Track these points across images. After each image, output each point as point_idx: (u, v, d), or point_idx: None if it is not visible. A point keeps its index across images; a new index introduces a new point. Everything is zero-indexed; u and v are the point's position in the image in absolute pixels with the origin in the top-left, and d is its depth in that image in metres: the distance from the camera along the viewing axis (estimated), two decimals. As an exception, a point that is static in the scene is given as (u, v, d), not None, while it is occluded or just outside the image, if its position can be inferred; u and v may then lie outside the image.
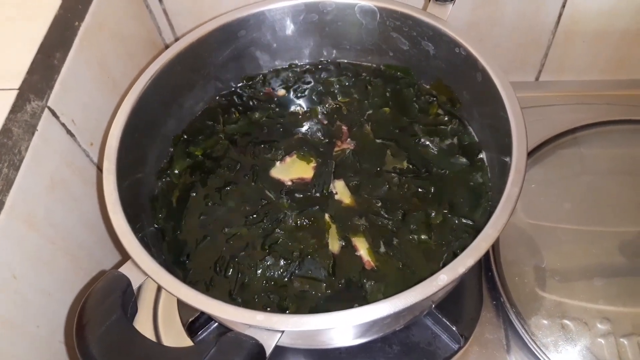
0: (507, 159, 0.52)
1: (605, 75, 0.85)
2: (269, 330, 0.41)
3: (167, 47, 0.83)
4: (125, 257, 0.47)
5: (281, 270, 0.56)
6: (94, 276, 0.65)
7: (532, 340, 0.60)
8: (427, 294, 0.42)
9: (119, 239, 0.47)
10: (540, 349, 0.59)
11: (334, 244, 0.57)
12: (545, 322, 0.61)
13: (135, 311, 0.45)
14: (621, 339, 0.59)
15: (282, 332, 0.41)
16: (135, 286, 0.45)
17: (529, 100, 0.77)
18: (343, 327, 0.43)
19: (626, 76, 0.85)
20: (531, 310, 0.62)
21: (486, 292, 0.64)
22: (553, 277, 0.64)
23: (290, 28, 0.69)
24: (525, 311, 0.62)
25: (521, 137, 0.51)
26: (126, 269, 0.45)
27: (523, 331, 0.61)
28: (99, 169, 0.67)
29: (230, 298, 0.54)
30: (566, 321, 0.61)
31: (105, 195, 0.50)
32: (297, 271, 0.55)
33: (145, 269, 0.44)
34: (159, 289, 0.66)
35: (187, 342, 0.60)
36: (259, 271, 0.55)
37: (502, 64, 0.66)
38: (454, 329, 0.59)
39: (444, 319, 0.60)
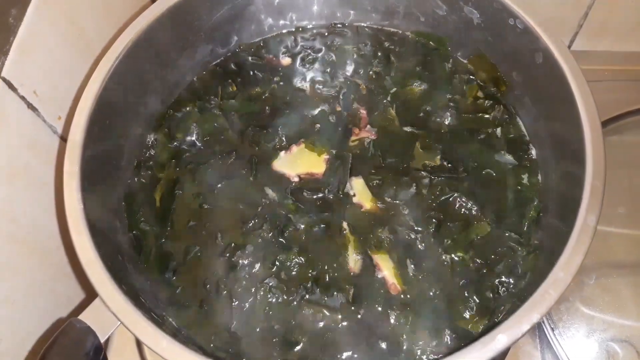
0: (571, 165, 0.44)
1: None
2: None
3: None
4: (90, 293, 0.37)
5: (287, 294, 0.48)
6: (52, 324, 0.59)
7: (573, 366, 0.54)
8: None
9: (84, 269, 0.38)
10: (583, 377, 0.54)
11: (354, 262, 0.50)
12: (589, 344, 0.55)
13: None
14: (674, 367, 0.54)
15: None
16: (103, 339, 0.35)
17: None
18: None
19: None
20: (574, 331, 0.56)
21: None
22: (600, 293, 0.58)
23: (299, -18, 0.60)
24: (566, 332, 0.56)
25: (598, 147, 0.41)
26: (91, 315, 0.36)
27: (563, 355, 0.54)
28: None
29: (228, 332, 0.46)
30: (613, 344, 0.56)
31: (66, 210, 0.42)
32: (308, 296, 0.48)
33: (120, 316, 0.35)
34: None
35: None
36: (259, 296, 0.48)
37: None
38: (486, 355, 0.52)
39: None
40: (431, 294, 0.48)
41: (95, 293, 0.38)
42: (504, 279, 0.47)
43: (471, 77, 0.59)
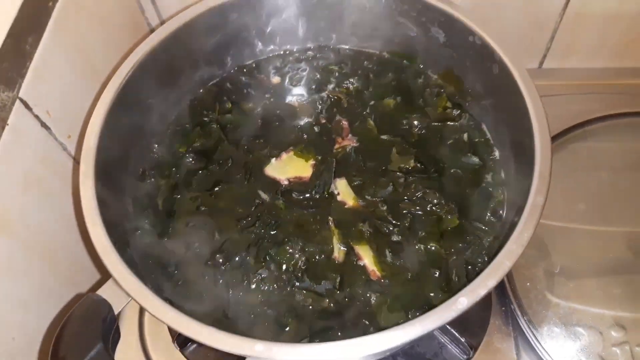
0: (526, 161, 0.49)
1: (612, 62, 0.82)
2: (270, 361, 0.37)
3: (151, 29, 0.79)
4: (104, 274, 0.42)
5: (279, 283, 0.52)
6: (72, 298, 0.61)
7: (544, 349, 0.57)
8: (446, 320, 0.39)
9: (100, 256, 0.42)
10: (552, 359, 0.56)
11: (338, 252, 0.54)
12: (557, 329, 0.58)
13: (117, 339, 0.40)
14: (637, 348, 0.57)
15: (284, 363, 0.37)
16: (117, 310, 0.40)
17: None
18: (349, 357, 0.38)
19: (635, 63, 0.82)
20: (542, 318, 0.59)
21: (495, 298, 0.61)
22: (565, 281, 0.61)
23: (286, 11, 0.64)
24: (536, 318, 0.59)
25: (545, 140, 0.47)
26: (107, 291, 0.41)
27: (534, 340, 0.58)
28: (78, 163, 0.62)
29: (226, 317, 0.50)
30: (579, 328, 0.58)
31: (82, 204, 0.46)
32: (298, 283, 0.51)
33: (130, 292, 0.39)
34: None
35: (177, 355, 0.56)
36: (253, 287, 0.52)
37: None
38: (462, 339, 0.56)
39: (451, 329, 0.56)
40: (407, 278, 0.51)
41: (109, 275, 0.42)
42: (471, 262, 0.52)
43: (441, 90, 0.64)
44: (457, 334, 0.56)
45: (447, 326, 0.56)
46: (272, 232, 0.54)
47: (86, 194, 0.46)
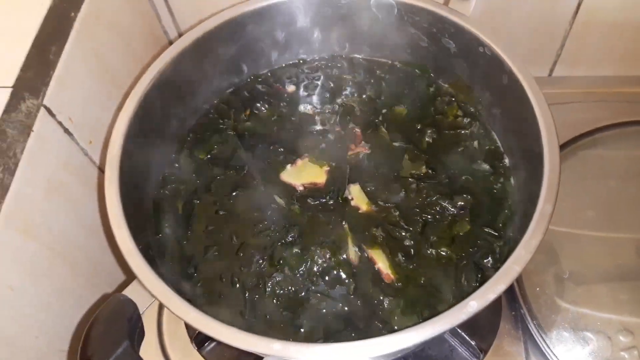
0: (535, 169, 0.50)
1: (621, 70, 0.83)
2: (287, 360, 0.38)
3: (169, 39, 0.81)
4: (129, 275, 0.44)
5: (294, 286, 0.53)
6: (99, 299, 0.63)
7: (553, 353, 0.58)
8: (456, 323, 0.40)
9: (125, 258, 0.44)
10: (562, 363, 0.57)
11: (354, 256, 0.55)
12: (566, 334, 0.59)
13: (142, 337, 0.42)
14: (645, 353, 0.57)
15: (301, 362, 0.39)
16: (142, 309, 0.42)
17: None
18: (365, 357, 0.40)
19: (643, 71, 0.82)
20: (552, 322, 0.60)
21: (505, 302, 0.62)
22: (574, 287, 0.62)
23: (301, 23, 0.65)
24: (545, 323, 0.60)
25: (553, 150, 0.48)
26: (132, 291, 0.42)
27: (543, 344, 0.59)
28: (100, 169, 0.64)
29: (242, 317, 0.51)
30: (588, 333, 0.59)
31: (107, 208, 0.47)
32: (313, 287, 0.53)
33: (154, 293, 0.41)
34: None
35: (195, 354, 0.57)
36: (269, 289, 0.53)
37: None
38: (472, 342, 0.57)
39: (462, 332, 0.57)
40: (420, 282, 0.53)
41: (134, 276, 0.44)
42: (482, 267, 0.53)
43: (452, 98, 0.65)
44: (467, 337, 0.57)
45: (458, 329, 0.57)
46: (287, 236, 0.56)
47: (111, 199, 0.48)
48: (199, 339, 0.59)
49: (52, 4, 0.59)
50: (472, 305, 0.40)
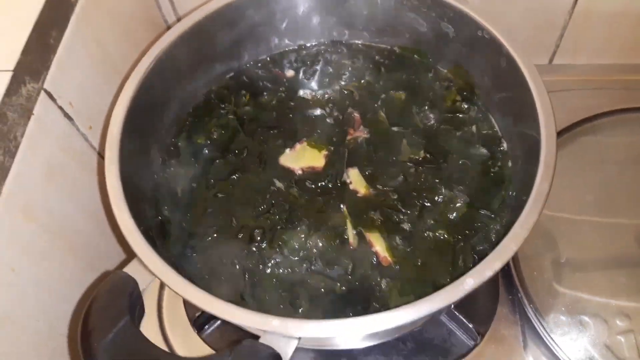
0: (533, 151, 0.50)
1: (620, 59, 0.83)
2: (285, 337, 0.39)
3: (168, 25, 0.81)
4: (129, 254, 0.44)
5: (293, 268, 0.53)
6: (99, 277, 0.64)
7: (550, 337, 0.58)
8: (453, 299, 0.40)
9: (125, 237, 0.44)
10: (558, 346, 0.58)
11: (353, 238, 0.55)
12: (563, 318, 0.59)
13: (142, 314, 0.43)
14: (641, 337, 0.58)
15: (299, 338, 0.39)
16: (142, 287, 0.42)
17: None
18: (363, 333, 0.40)
19: (642, 59, 0.82)
20: (549, 306, 0.60)
21: (502, 286, 0.62)
22: (571, 272, 0.62)
23: (300, 7, 0.66)
24: (542, 307, 0.60)
25: (550, 130, 0.48)
26: (132, 269, 0.43)
27: (540, 328, 0.59)
28: (99, 154, 0.64)
29: (242, 298, 0.52)
30: (585, 317, 0.60)
31: (108, 188, 0.48)
32: (313, 267, 0.53)
33: (154, 270, 0.41)
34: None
35: (194, 337, 0.58)
36: (268, 271, 0.53)
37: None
38: (470, 325, 0.58)
39: (459, 315, 0.58)
40: (417, 264, 0.53)
41: (134, 254, 0.44)
42: (479, 249, 0.53)
43: (450, 83, 0.65)
44: (465, 320, 0.58)
45: (456, 312, 0.58)
46: (286, 218, 0.56)
47: (111, 180, 0.48)
48: (199, 322, 0.60)
49: (53, -12, 0.59)
50: (469, 282, 0.40)
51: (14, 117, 0.51)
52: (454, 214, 0.56)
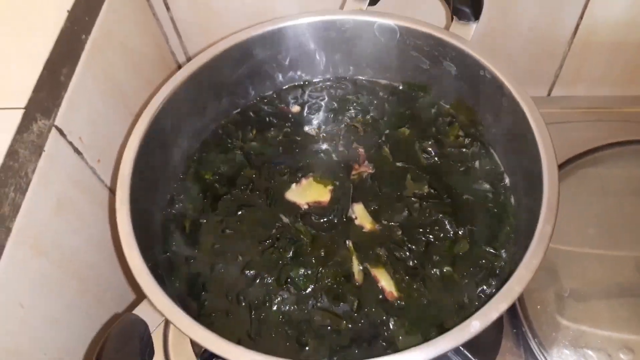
0: (535, 188, 0.51)
1: (619, 90, 0.84)
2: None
3: (176, 60, 0.82)
4: (138, 294, 0.45)
5: (299, 304, 0.54)
6: (109, 319, 0.64)
7: (554, 371, 0.58)
8: (460, 342, 0.41)
9: (135, 278, 0.45)
10: (563, 381, 0.58)
11: (358, 274, 0.55)
12: (567, 352, 0.59)
13: (152, 355, 0.43)
14: (644, 371, 0.58)
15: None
16: (152, 329, 0.43)
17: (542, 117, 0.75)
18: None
19: (640, 91, 0.83)
20: (553, 340, 0.60)
21: (507, 320, 0.62)
22: (575, 304, 0.63)
23: (306, 46, 0.67)
24: (546, 341, 0.60)
25: (552, 172, 0.49)
26: (142, 310, 0.43)
27: (544, 360, 0.59)
28: (110, 189, 0.65)
29: (248, 335, 0.52)
30: (588, 351, 0.59)
31: (119, 229, 0.48)
32: (319, 303, 0.54)
33: (164, 312, 0.41)
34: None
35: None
36: (275, 307, 0.54)
37: (515, 76, 0.68)
38: (474, 360, 0.58)
39: (464, 351, 0.58)
40: (423, 301, 0.53)
41: (144, 295, 0.45)
42: (484, 287, 0.53)
43: (453, 119, 0.66)
44: (470, 355, 0.58)
45: (460, 347, 0.58)
46: (292, 254, 0.56)
47: (122, 219, 0.49)
48: (204, 357, 0.60)
49: (64, 26, 0.60)
50: (475, 325, 0.41)
51: (25, 154, 0.52)
52: (457, 250, 0.56)
